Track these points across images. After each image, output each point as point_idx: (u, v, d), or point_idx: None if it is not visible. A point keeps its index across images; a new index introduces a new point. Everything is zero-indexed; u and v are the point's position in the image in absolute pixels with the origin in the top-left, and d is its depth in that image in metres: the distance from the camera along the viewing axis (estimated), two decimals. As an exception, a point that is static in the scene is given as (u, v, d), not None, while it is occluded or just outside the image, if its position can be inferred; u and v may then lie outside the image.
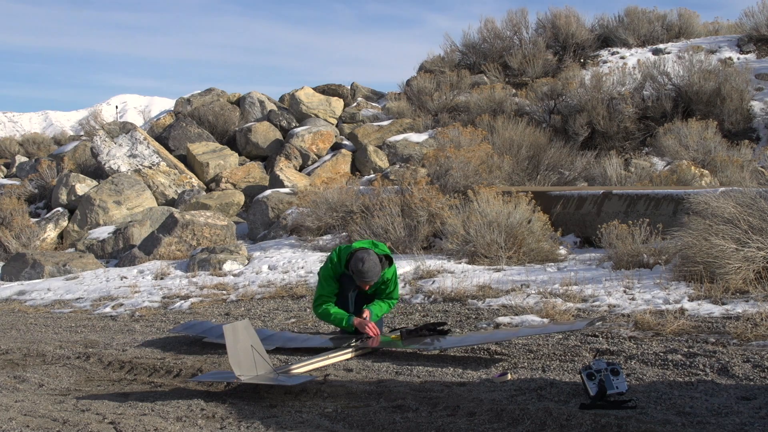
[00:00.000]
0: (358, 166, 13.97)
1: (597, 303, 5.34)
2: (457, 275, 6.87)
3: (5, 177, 16.99)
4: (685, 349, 4.03)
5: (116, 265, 10.04)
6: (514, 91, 15.62)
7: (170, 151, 15.42)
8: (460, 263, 7.48)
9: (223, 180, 14.08)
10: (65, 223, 12.46)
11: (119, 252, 10.88)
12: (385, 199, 8.97)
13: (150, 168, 14.11)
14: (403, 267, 7.27)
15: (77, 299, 8.01)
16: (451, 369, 4.16)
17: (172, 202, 13.27)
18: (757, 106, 12.71)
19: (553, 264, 7.11)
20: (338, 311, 4.96)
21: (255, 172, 14.43)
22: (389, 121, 15.58)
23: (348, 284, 5.00)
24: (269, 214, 11.42)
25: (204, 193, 13.59)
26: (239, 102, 17.59)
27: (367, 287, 4.94)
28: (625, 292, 5.54)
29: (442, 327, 4.76)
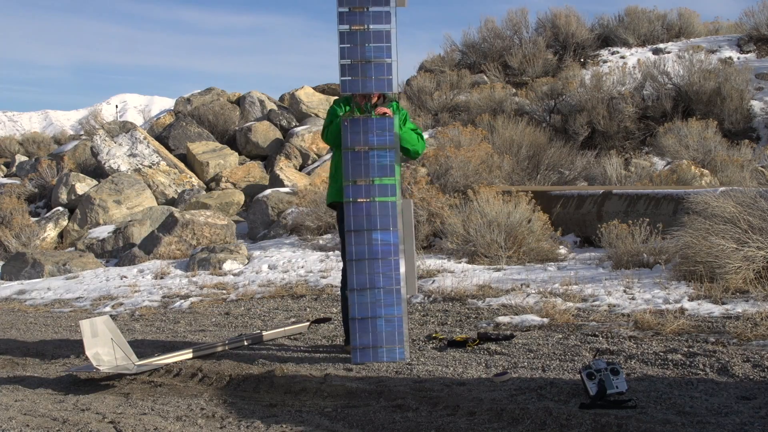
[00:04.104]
0: (358, 166, 13.95)
1: (597, 302, 5.34)
2: (457, 275, 6.86)
3: (5, 176, 16.99)
4: (685, 349, 4.03)
5: (116, 265, 10.03)
6: (514, 90, 15.62)
7: (170, 150, 15.43)
8: (460, 263, 7.48)
9: (223, 179, 14.08)
10: (65, 223, 12.47)
11: (119, 251, 10.87)
12: (385, 199, 8.95)
13: (150, 167, 14.11)
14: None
15: (77, 298, 8.01)
16: (451, 369, 4.16)
17: (172, 202, 13.27)
18: (757, 105, 12.71)
19: (553, 263, 7.11)
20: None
21: (255, 171, 14.43)
22: (389, 121, 15.56)
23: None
24: (269, 213, 11.42)
25: (204, 192, 13.59)
26: (239, 101, 17.59)
27: (368, 99, 4.44)
28: (625, 291, 5.54)
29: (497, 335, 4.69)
